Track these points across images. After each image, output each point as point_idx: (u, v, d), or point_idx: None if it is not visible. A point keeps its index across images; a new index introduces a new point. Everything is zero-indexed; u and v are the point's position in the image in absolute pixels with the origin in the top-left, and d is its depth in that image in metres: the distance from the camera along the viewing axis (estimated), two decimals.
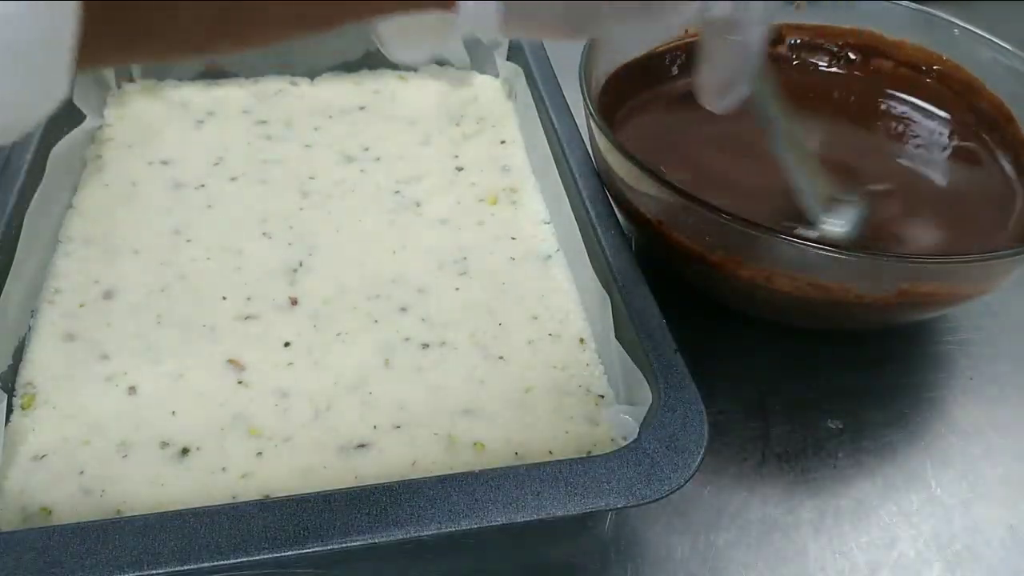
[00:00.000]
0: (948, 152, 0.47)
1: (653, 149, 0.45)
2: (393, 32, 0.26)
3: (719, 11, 0.25)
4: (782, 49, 0.52)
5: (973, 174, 0.46)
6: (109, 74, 0.53)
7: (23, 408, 0.36)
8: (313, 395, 0.37)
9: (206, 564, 0.27)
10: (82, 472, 0.33)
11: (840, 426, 0.40)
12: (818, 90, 0.51)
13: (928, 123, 0.49)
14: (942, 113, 0.49)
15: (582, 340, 0.40)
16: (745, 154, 0.46)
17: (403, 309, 0.41)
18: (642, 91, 0.49)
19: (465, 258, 0.44)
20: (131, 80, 0.54)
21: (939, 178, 0.46)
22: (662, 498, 0.29)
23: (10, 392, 0.36)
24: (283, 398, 0.37)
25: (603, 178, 0.43)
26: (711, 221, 0.36)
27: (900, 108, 0.50)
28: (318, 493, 0.29)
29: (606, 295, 0.38)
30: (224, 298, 0.41)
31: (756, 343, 0.43)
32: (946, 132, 0.48)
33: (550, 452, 0.35)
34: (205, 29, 0.20)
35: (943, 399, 0.41)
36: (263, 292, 0.41)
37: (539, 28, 0.23)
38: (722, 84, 0.29)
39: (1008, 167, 0.46)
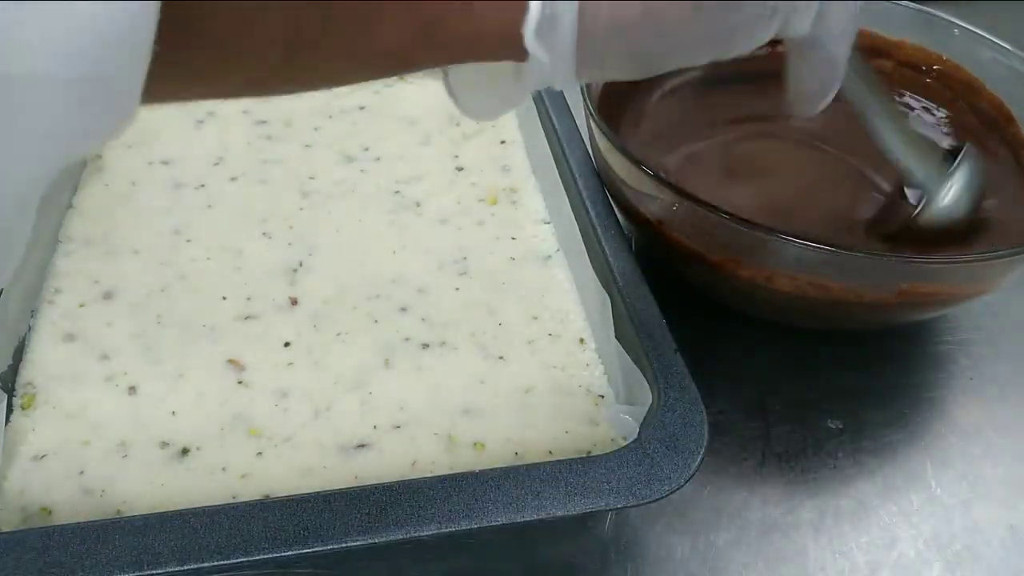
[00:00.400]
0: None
1: (653, 147, 0.45)
2: (465, 84, 0.25)
3: (797, 31, 0.24)
4: (781, 49, 0.52)
5: None
6: None
7: (23, 408, 0.36)
8: (313, 395, 0.37)
9: (206, 564, 0.27)
10: (82, 472, 0.33)
11: (840, 426, 0.40)
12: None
13: (930, 121, 0.49)
14: (941, 114, 0.49)
15: (582, 340, 0.40)
16: (746, 152, 0.46)
17: (403, 309, 0.41)
18: (642, 91, 0.49)
19: (465, 258, 0.44)
20: None
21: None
22: (662, 498, 0.29)
23: (10, 392, 0.36)
24: (283, 398, 0.37)
25: (603, 178, 0.43)
26: (711, 221, 0.36)
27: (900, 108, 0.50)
28: (318, 493, 0.29)
29: (606, 295, 0.38)
30: (224, 298, 0.41)
31: (756, 343, 0.43)
32: (945, 133, 0.48)
33: (550, 452, 0.35)
34: (270, 72, 0.20)
35: (943, 399, 0.41)
36: (263, 292, 0.41)
37: (612, 73, 0.23)
38: (812, 95, 0.28)
39: (1001, 169, 0.46)
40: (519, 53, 0.21)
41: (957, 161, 0.39)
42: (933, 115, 0.49)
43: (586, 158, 0.44)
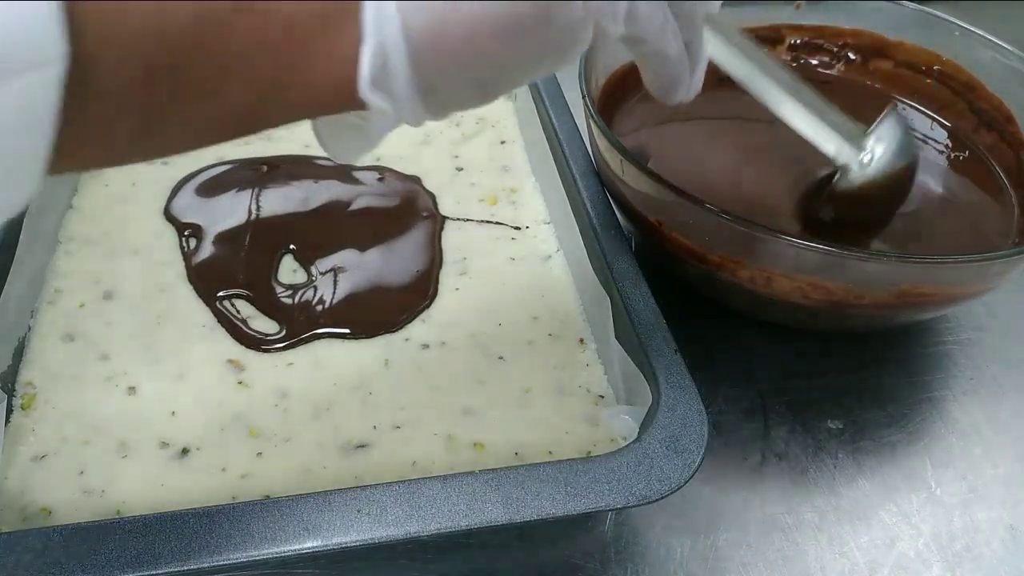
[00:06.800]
0: (947, 154, 0.48)
1: (652, 148, 0.45)
2: (328, 132, 0.26)
3: (612, 32, 0.24)
4: (782, 49, 0.52)
5: (971, 175, 0.46)
6: None
7: (23, 408, 0.36)
8: (313, 395, 0.37)
9: (206, 564, 0.27)
10: (82, 472, 0.33)
11: (840, 426, 0.40)
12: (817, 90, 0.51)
13: (927, 124, 0.49)
14: (941, 118, 0.49)
15: (582, 340, 0.40)
16: (744, 153, 0.46)
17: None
18: (642, 91, 0.49)
19: (465, 258, 0.44)
20: None
21: (938, 179, 0.46)
22: (662, 498, 0.29)
23: (10, 392, 0.36)
24: (283, 398, 0.37)
25: (603, 178, 0.43)
26: (711, 221, 0.36)
27: (900, 107, 0.50)
28: (318, 493, 0.29)
29: (606, 295, 0.38)
30: (224, 298, 0.41)
31: (756, 343, 0.43)
32: (945, 134, 0.48)
33: (550, 452, 0.35)
34: (129, 139, 0.20)
35: (943, 399, 0.41)
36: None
37: (458, 102, 0.24)
38: (664, 85, 0.29)
39: (1001, 169, 0.46)
40: (360, 105, 0.22)
41: (875, 123, 0.38)
42: (931, 116, 0.49)
43: (586, 158, 0.44)
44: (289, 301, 0.41)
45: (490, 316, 0.41)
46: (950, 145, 0.48)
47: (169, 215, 0.45)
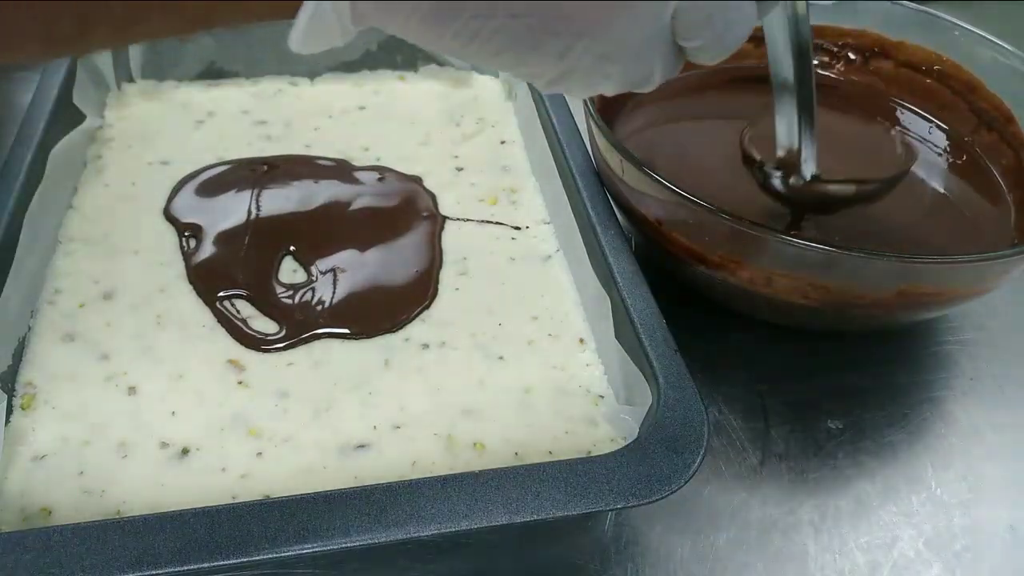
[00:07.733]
0: (946, 155, 0.48)
1: (653, 149, 0.45)
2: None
3: None
4: None
5: (972, 175, 0.46)
6: (109, 74, 0.53)
7: (23, 408, 0.36)
8: (313, 395, 0.37)
9: (206, 564, 0.27)
10: (82, 472, 0.33)
11: (840, 426, 0.40)
12: (817, 91, 0.51)
13: (926, 126, 0.49)
14: (941, 118, 0.49)
15: (582, 340, 0.40)
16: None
17: None
18: (642, 92, 0.49)
19: (465, 258, 0.44)
20: (131, 80, 0.54)
21: (939, 179, 0.46)
22: (662, 498, 0.29)
23: (10, 392, 0.36)
24: (283, 398, 0.37)
25: (603, 178, 0.43)
26: (711, 221, 0.36)
27: (898, 110, 0.50)
28: (318, 493, 0.29)
29: (606, 295, 0.38)
30: (224, 298, 0.41)
31: (756, 343, 0.43)
32: (944, 135, 0.48)
33: (550, 452, 0.35)
34: (59, 31, 0.20)
35: (943, 399, 0.41)
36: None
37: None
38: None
39: (1002, 169, 0.46)
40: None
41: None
42: (930, 117, 0.49)
43: (586, 158, 0.44)
44: (289, 301, 0.41)
45: (490, 316, 0.41)
46: (950, 145, 0.48)
47: (169, 215, 0.45)
